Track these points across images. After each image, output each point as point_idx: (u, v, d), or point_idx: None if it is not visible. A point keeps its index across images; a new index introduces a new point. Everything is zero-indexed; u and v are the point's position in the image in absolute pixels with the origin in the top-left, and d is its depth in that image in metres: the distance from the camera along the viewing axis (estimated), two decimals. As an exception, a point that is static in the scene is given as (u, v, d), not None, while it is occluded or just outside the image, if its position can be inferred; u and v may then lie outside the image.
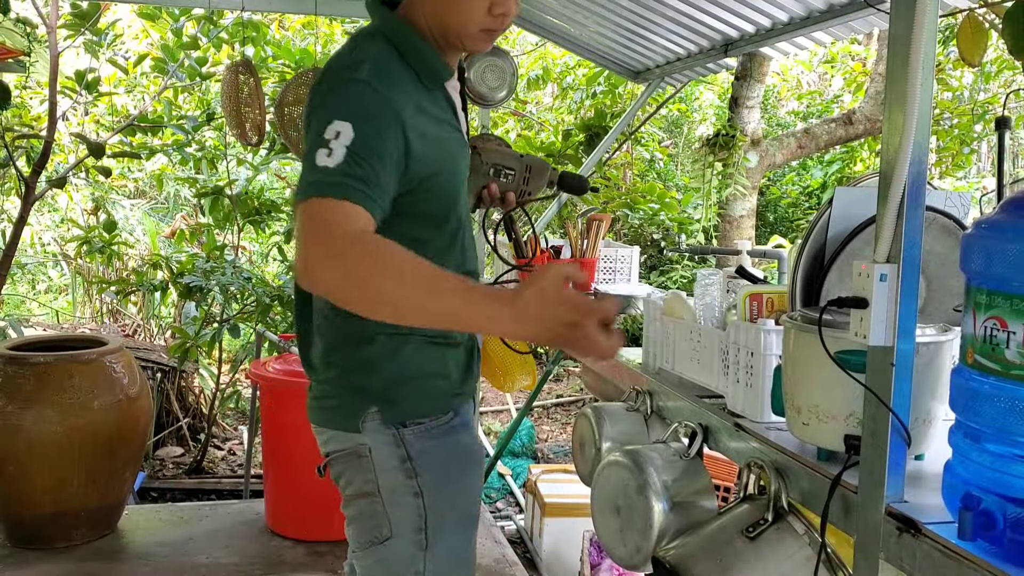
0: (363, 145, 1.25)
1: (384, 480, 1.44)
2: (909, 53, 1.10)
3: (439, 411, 1.48)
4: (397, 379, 1.45)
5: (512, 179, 1.72)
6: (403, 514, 1.45)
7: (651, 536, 1.61)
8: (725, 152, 5.28)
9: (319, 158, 1.24)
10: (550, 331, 1.13)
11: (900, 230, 1.14)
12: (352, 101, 1.30)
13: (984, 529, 1.03)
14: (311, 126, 1.31)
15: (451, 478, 1.48)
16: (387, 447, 1.44)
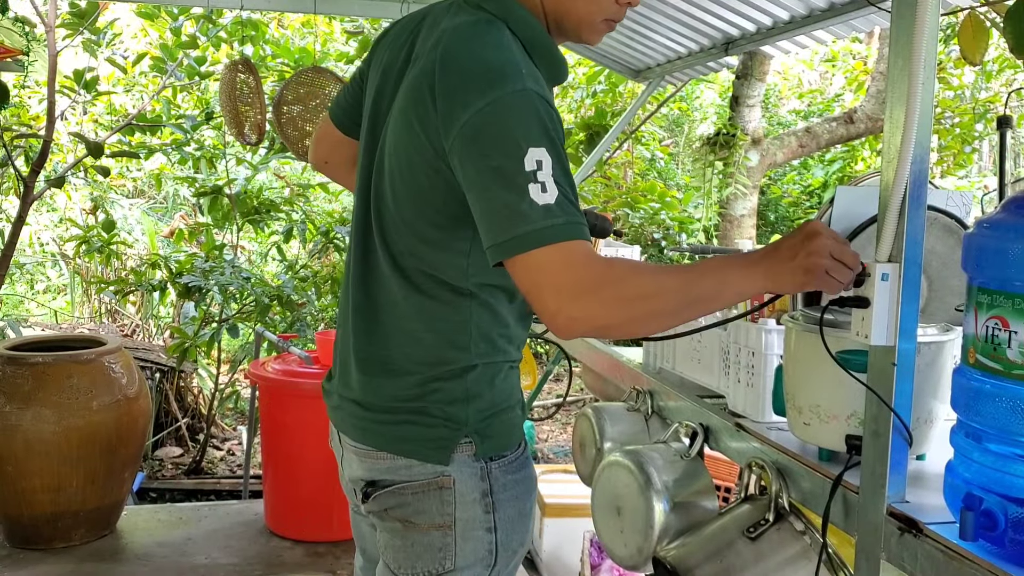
0: (562, 172, 1.16)
1: (462, 513, 1.37)
2: (910, 52, 1.09)
3: (517, 443, 1.43)
4: (491, 410, 1.38)
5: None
6: (472, 548, 1.38)
7: (651, 536, 1.61)
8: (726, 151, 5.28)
9: (534, 195, 1.13)
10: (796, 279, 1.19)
11: (902, 229, 1.14)
12: (536, 120, 1.17)
13: (986, 529, 1.03)
14: (501, 146, 1.16)
15: (524, 513, 1.43)
16: (473, 480, 1.36)
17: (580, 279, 1.14)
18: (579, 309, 1.14)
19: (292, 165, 6.42)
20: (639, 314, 1.16)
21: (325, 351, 3.24)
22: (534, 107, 1.17)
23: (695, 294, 1.18)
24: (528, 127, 1.16)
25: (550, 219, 1.13)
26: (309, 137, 3.75)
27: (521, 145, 1.14)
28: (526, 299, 1.20)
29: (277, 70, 5.06)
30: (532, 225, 1.13)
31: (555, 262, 1.14)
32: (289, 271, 5.28)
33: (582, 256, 1.14)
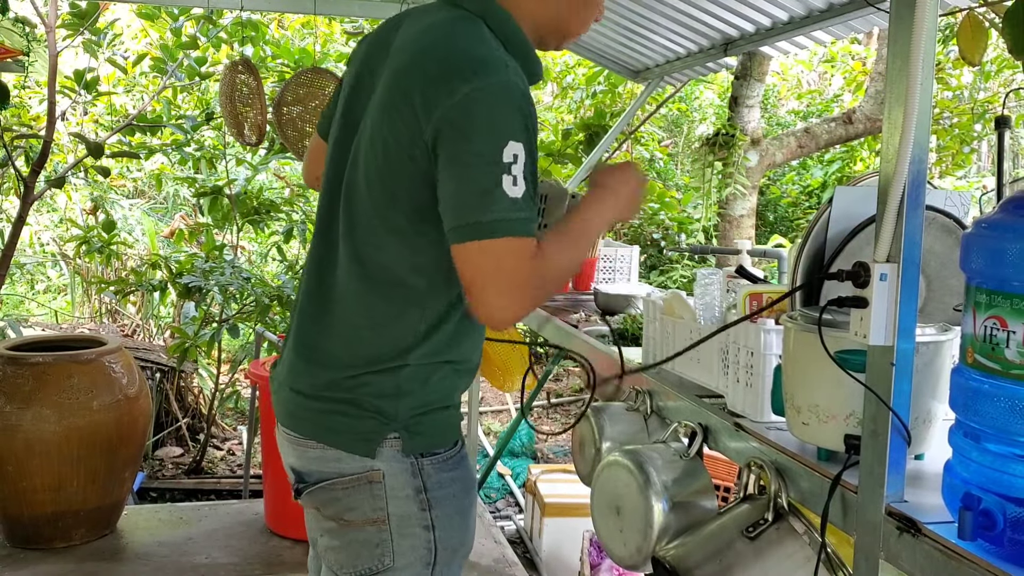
0: (532, 169, 1.23)
1: (395, 508, 1.38)
2: (909, 52, 1.10)
3: (452, 442, 1.45)
4: (423, 408, 1.39)
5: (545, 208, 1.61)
6: (411, 545, 1.39)
7: (651, 536, 1.61)
8: (725, 151, 5.28)
9: (507, 186, 1.19)
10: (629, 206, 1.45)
11: (900, 229, 1.14)
12: (519, 114, 1.22)
13: (984, 529, 1.03)
14: (485, 136, 1.20)
15: (463, 511, 1.45)
16: (403, 475, 1.38)
17: (527, 277, 1.23)
18: (519, 304, 1.24)
19: (292, 165, 6.42)
20: (550, 294, 1.33)
21: (325, 351, 3.25)
22: (516, 101, 1.22)
23: (581, 257, 1.39)
24: (510, 120, 1.20)
25: (516, 212, 1.20)
26: (309, 138, 3.75)
27: (503, 136, 1.19)
28: (465, 283, 1.24)
29: (277, 71, 5.07)
30: (499, 215, 1.19)
31: (511, 256, 1.21)
32: (289, 271, 5.28)
33: (530, 254, 1.23)
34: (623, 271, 3.35)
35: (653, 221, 6.57)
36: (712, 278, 1.88)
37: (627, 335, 2.46)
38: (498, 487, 4.65)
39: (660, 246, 6.73)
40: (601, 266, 3.29)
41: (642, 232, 6.81)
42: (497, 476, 4.68)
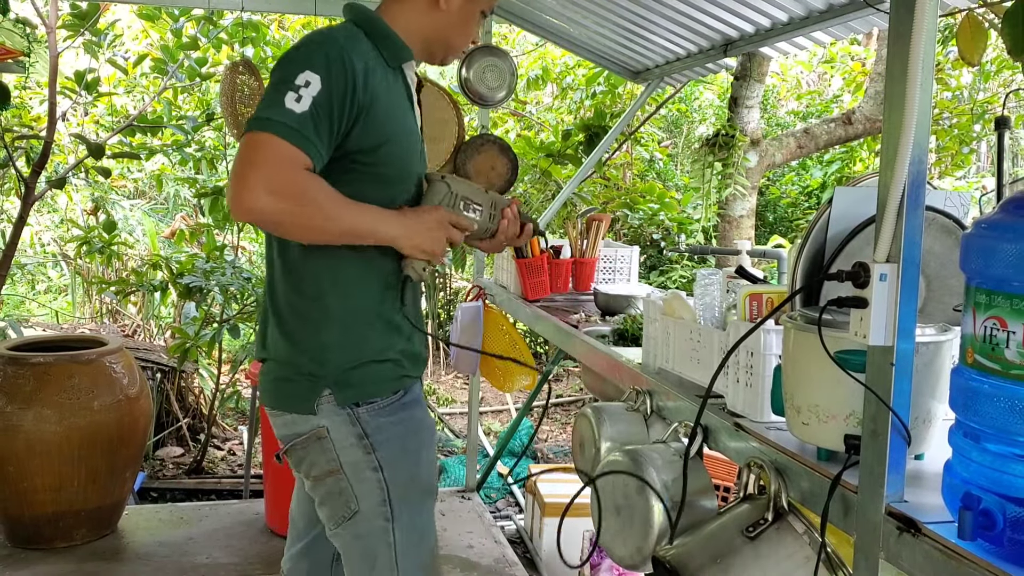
0: (326, 100, 1.42)
1: (345, 457, 1.55)
2: (908, 53, 1.10)
3: (389, 391, 1.60)
4: (350, 364, 1.56)
5: (481, 214, 1.70)
6: (367, 488, 1.56)
7: (651, 536, 1.61)
8: (725, 152, 5.28)
9: (287, 100, 1.40)
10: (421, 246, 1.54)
11: (900, 230, 1.14)
12: (324, 56, 1.44)
13: (984, 529, 1.03)
14: (279, 70, 1.46)
15: (408, 450, 1.60)
16: (344, 427, 1.55)
17: (287, 180, 1.38)
18: (269, 204, 1.37)
19: (292, 166, 6.42)
20: (304, 227, 1.43)
21: (326, 351, 3.25)
22: (329, 50, 1.45)
23: (350, 232, 1.48)
24: (313, 57, 1.44)
25: (290, 120, 1.38)
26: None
27: (301, 65, 1.43)
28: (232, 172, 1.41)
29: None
30: (271, 115, 1.39)
31: (274, 153, 1.38)
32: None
33: (294, 162, 1.39)
34: (623, 271, 3.35)
35: (653, 221, 6.57)
36: (712, 278, 1.88)
37: (627, 335, 2.46)
38: (498, 487, 4.65)
39: (660, 246, 6.73)
40: (601, 266, 3.30)
41: (642, 232, 6.81)
42: (497, 476, 4.68)
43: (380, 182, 1.57)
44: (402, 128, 1.61)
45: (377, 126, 1.53)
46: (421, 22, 1.64)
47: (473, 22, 1.69)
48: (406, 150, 1.62)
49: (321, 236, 1.49)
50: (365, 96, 1.49)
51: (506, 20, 3.92)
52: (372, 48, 1.56)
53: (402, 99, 1.62)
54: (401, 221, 1.54)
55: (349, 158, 1.53)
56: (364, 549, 1.59)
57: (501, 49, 3.75)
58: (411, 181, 1.64)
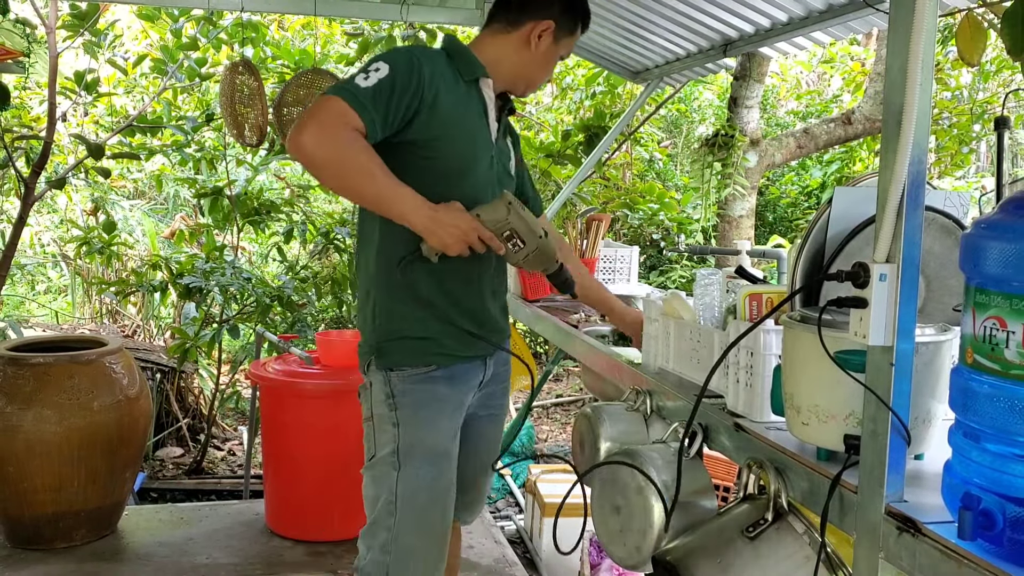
0: (391, 84, 1.68)
1: (376, 410, 1.86)
2: (908, 53, 1.10)
3: (420, 363, 1.84)
4: (386, 337, 1.85)
5: (518, 251, 1.81)
6: (384, 439, 1.84)
7: (651, 536, 1.61)
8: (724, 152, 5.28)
9: (358, 78, 1.68)
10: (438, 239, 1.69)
11: (899, 230, 1.14)
12: (394, 56, 1.74)
13: (984, 529, 1.03)
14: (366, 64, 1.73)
15: (421, 416, 1.83)
16: (379, 385, 1.85)
17: (337, 129, 1.61)
18: (316, 144, 1.60)
19: (292, 166, 6.43)
20: (340, 177, 1.65)
21: (325, 351, 3.25)
22: (400, 53, 1.76)
23: (381, 196, 1.67)
24: (389, 55, 1.74)
25: (352, 88, 1.65)
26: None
27: (377, 60, 1.72)
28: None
29: (277, 72, 5.07)
30: (343, 85, 1.67)
31: (333, 108, 1.62)
32: (289, 272, 5.28)
33: (349, 122, 1.62)
34: (623, 271, 3.35)
35: (653, 222, 6.57)
36: (712, 278, 1.88)
37: (627, 335, 2.47)
38: (498, 487, 4.65)
39: (660, 246, 6.73)
40: (601, 267, 3.30)
41: (642, 232, 6.81)
42: (497, 476, 4.68)
43: (433, 175, 1.77)
44: (464, 131, 1.82)
45: (436, 121, 1.75)
46: (511, 58, 1.91)
47: (553, 62, 1.97)
48: (464, 151, 1.82)
49: (355, 192, 1.71)
50: (428, 92, 1.72)
51: (506, 20, 3.91)
52: (448, 63, 1.82)
53: (471, 108, 1.85)
54: (431, 213, 1.69)
55: (406, 147, 1.75)
56: (374, 490, 1.85)
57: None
58: (466, 184, 1.82)
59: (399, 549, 1.81)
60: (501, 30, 1.92)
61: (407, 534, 1.82)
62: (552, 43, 1.92)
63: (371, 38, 4.59)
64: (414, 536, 1.82)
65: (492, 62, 1.89)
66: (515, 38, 1.90)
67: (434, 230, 1.69)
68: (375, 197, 1.68)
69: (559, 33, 1.92)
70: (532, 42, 1.89)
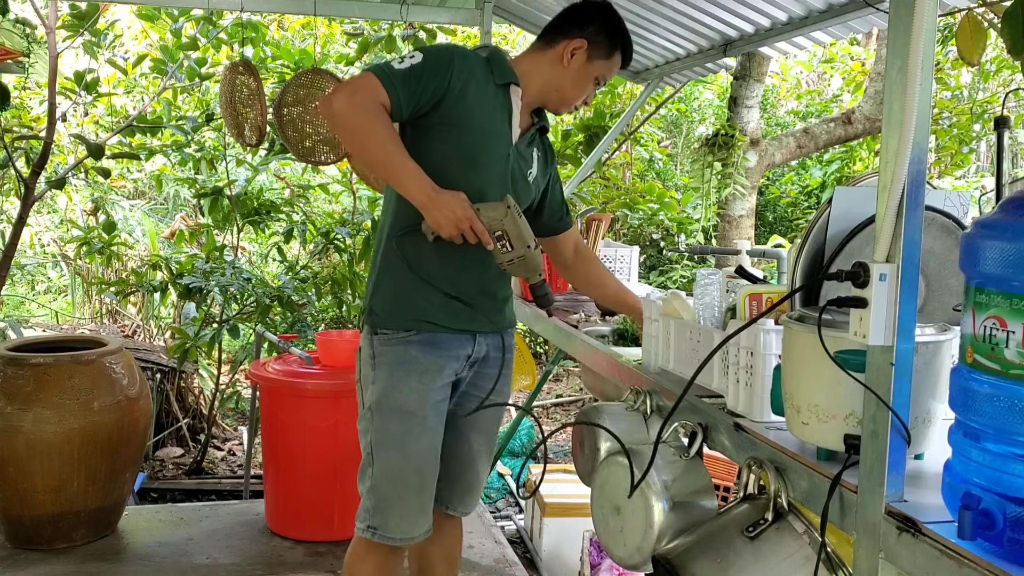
0: (421, 70, 1.85)
1: (363, 371, 2.04)
2: (908, 52, 1.10)
3: (401, 328, 1.98)
4: (378, 301, 2.02)
5: (505, 253, 1.89)
6: (367, 395, 2.02)
7: (651, 536, 1.61)
8: (724, 152, 5.28)
9: (395, 62, 1.86)
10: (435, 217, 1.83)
11: (899, 230, 1.14)
12: (432, 48, 1.93)
13: (984, 528, 1.03)
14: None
15: (393, 375, 1.98)
16: (367, 347, 2.03)
17: (365, 98, 1.79)
18: (344, 106, 1.79)
19: (292, 166, 6.43)
20: (359, 141, 1.83)
21: (325, 351, 3.25)
22: (437, 48, 1.95)
23: (389, 164, 1.82)
24: (424, 48, 1.92)
25: (388, 69, 1.84)
26: (309, 138, 3.75)
27: (418, 48, 1.93)
28: None
29: (277, 72, 5.07)
30: (381, 65, 1.86)
31: (365, 81, 1.81)
32: (289, 272, 5.28)
33: (380, 96, 1.81)
34: (623, 271, 3.35)
35: (653, 221, 6.57)
36: (712, 278, 1.88)
37: (627, 335, 2.47)
38: (498, 487, 4.65)
39: (660, 246, 6.73)
40: (601, 266, 3.29)
41: (642, 232, 6.82)
42: (497, 476, 4.68)
43: (447, 159, 1.91)
44: (485, 126, 1.95)
45: (459, 110, 1.90)
46: (545, 73, 2.03)
47: (587, 82, 2.05)
48: (479, 142, 1.94)
49: (370, 157, 1.86)
50: (456, 82, 1.88)
51: (506, 20, 3.92)
52: (485, 66, 1.97)
53: (496, 107, 1.96)
54: (432, 192, 1.82)
55: (428, 128, 1.91)
56: (364, 441, 2.03)
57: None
58: (477, 175, 1.94)
59: (378, 497, 1.99)
60: (539, 48, 2.06)
61: (383, 484, 1.99)
62: (585, 62, 2.02)
63: (371, 38, 4.59)
64: (389, 486, 1.99)
65: (525, 74, 2.03)
66: (551, 55, 2.03)
67: (431, 209, 1.82)
68: (383, 164, 1.83)
69: (592, 53, 2.02)
70: (565, 59, 2.01)
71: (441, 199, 1.82)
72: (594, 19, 2.03)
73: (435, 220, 1.83)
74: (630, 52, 2.11)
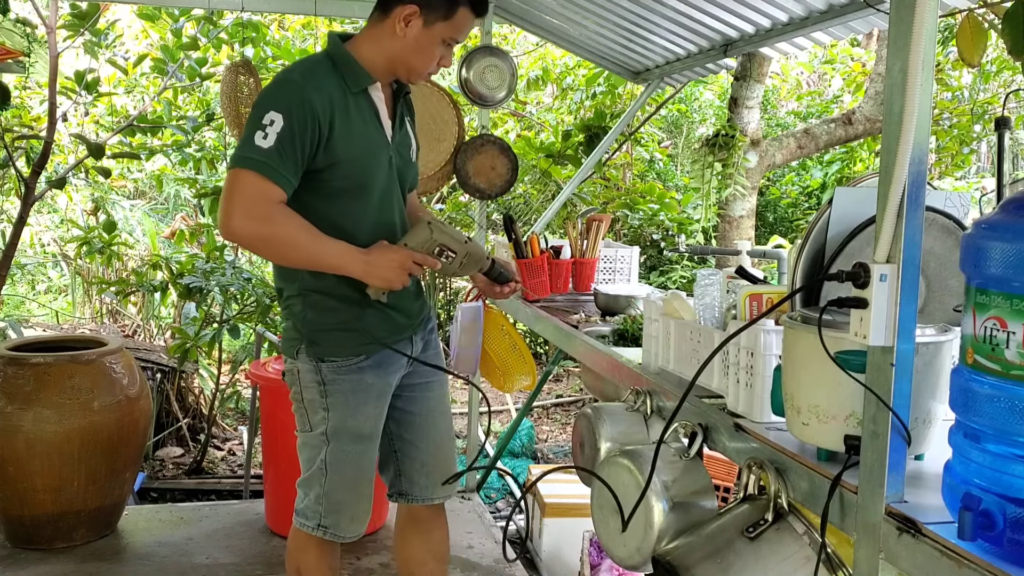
0: (289, 138, 1.77)
1: (307, 395, 2.03)
2: (909, 53, 1.10)
3: (351, 354, 1.99)
4: (316, 329, 1.98)
5: (452, 261, 1.99)
6: (317, 419, 2.03)
7: (651, 536, 1.61)
8: (725, 152, 5.27)
9: (256, 138, 1.76)
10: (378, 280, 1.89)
11: (900, 230, 1.14)
12: (286, 97, 1.79)
13: (984, 529, 1.03)
14: (254, 110, 1.80)
15: (349, 404, 2.01)
16: (310, 373, 2.01)
17: (258, 208, 1.76)
18: (245, 228, 1.77)
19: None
20: (275, 253, 1.87)
21: (326, 352, 3.25)
22: (288, 90, 1.80)
23: (316, 262, 1.86)
24: (278, 99, 1.79)
25: (260, 155, 1.75)
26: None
27: (267, 107, 1.78)
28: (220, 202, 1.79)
29: (277, 71, 5.06)
30: (245, 152, 1.76)
31: (248, 185, 1.75)
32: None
33: (264, 191, 1.75)
34: (623, 272, 3.35)
35: (653, 222, 6.57)
36: (712, 279, 1.88)
37: (627, 335, 2.46)
38: (498, 487, 4.65)
39: (660, 247, 6.73)
40: (601, 267, 3.30)
41: (642, 233, 6.81)
42: (497, 476, 4.68)
43: (340, 195, 1.90)
44: (361, 148, 1.90)
45: (335, 149, 1.84)
46: (383, 48, 1.91)
47: (433, 47, 1.91)
48: (364, 167, 1.92)
49: (291, 262, 1.89)
50: (324, 125, 1.81)
51: (506, 20, 3.92)
52: (336, 76, 1.87)
53: (364, 121, 1.91)
54: (365, 259, 1.87)
55: (311, 176, 1.85)
56: (308, 454, 2.07)
57: (501, 50, 3.75)
58: (373, 192, 1.95)
59: (329, 502, 2.06)
60: (376, 21, 1.92)
61: (336, 491, 2.06)
62: (423, 27, 1.87)
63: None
64: (342, 493, 2.07)
65: (369, 59, 1.92)
66: (387, 27, 1.89)
67: (373, 274, 1.88)
68: (309, 262, 1.88)
69: (429, 17, 1.87)
70: (398, 28, 1.87)
71: (374, 261, 1.88)
72: None
73: (384, 280, 1.89)
74: (467, 3, 1.90)
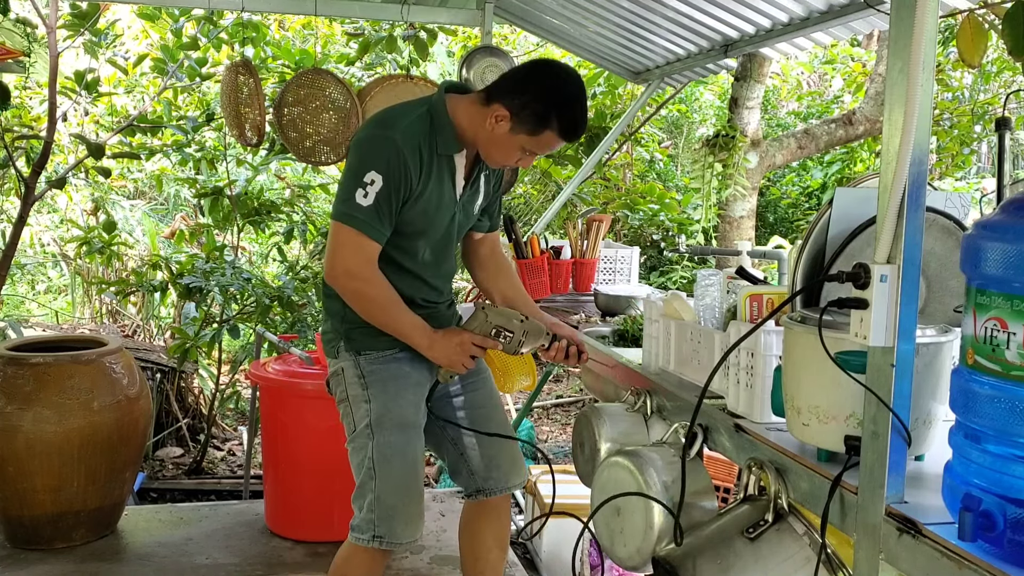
0: (386, 197, 1.93)
1: (351, 391, 2.09)
2: (909, 53, 1.10)
3: (385, 347, 2.08)
4: (354, 325, 2.07)
5: (511, 340, 2.05)
6: (361, 414, 2.07)
7: (651, 536, 1.61)
8: (725, 153, 5.27)
9: (358, 196, 1.92)
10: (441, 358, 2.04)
11: (900, 231, 1.14)
12: (384, 155, 1.93)
13: (984, 530, 1.03)
14: (353, 161, 1.97)
15: (389, 390, 2.07)
16: (351, 368, 2.09)
17: (361, 269, 1.95)
18: (347, 284, 1.98)
19: (293, 166, 6.43)
20: (363, 307, 2.00)
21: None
22: (388, 150, 1.93)
23: (392, 327, 2.02)
24: (378, 158, 1.93)
25: (359, 213, 1.92)
26: (309, 138, 3.76)
27: (368, 165, 1.93)
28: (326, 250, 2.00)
29: (278, 72, 5.07)
30: (348, 209, 1.93)
31: (350, 243, 1.94)
32: (290, 272, 5.28)
33: (366, 249, 1.95)
34: (623, 272, 3.35)
35: (653, 222, 6.57)
36: (712, 279, 1.88)
37: (627, 336, 2.46)
38: (498, 488, 4.64)
39: (660, 247, 6.73)
40: (601, 267, 3.30)
41: (642, 233, 6.82)
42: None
43: (398, 234, 2.02)
44: (432, 204, 2.03)
45: (411, 202, 1.99)
46: (476, 128, 2.02)
47: (513, 151, 2.01)
48: (428, 220, 2.05)
49: (371, 318, 2.02)
50: (415, 183, 1.96)
51: (506, 20, 3.92)
52: (430, 135, 1.99)
53: (440, 180, 2.03)
54: (432, 336, 2.03)
55: None
56: (358, 459, 2.07)
57: (501, 50, 3.75)
58: (429, 240, 2.09)
59: (382, 507, 2.04)
60: (478, 101, 2.01)
61: (387, 495, 2.04)
62: (508, 132, 1.96)
63: (371, 38, 4.59)
64: (393, 496, 2.05)
65: (462, 128, 2.03)
66: (483, 113, 1.98)
67: (435, 350, 2.03)
68: (385, 324, 2.02)
69: (516, 126, 1.94)
70: (490, 123, 1.97)
71: (438, 343, 2.02)
72: (528, 91, 1.92)
73: (445, 358, 2.04)
74: (572, 127, 1.96)
